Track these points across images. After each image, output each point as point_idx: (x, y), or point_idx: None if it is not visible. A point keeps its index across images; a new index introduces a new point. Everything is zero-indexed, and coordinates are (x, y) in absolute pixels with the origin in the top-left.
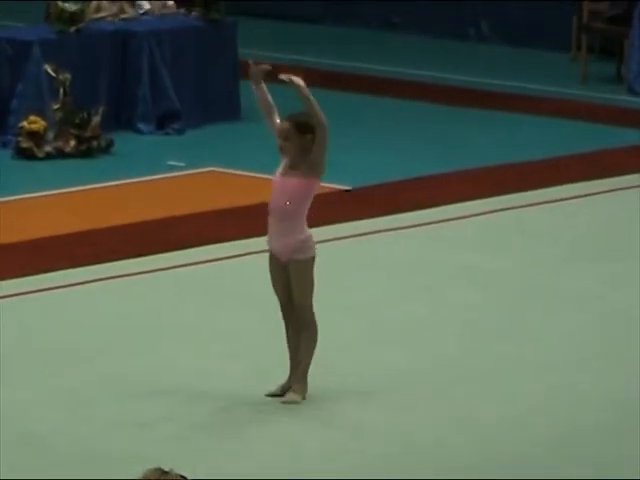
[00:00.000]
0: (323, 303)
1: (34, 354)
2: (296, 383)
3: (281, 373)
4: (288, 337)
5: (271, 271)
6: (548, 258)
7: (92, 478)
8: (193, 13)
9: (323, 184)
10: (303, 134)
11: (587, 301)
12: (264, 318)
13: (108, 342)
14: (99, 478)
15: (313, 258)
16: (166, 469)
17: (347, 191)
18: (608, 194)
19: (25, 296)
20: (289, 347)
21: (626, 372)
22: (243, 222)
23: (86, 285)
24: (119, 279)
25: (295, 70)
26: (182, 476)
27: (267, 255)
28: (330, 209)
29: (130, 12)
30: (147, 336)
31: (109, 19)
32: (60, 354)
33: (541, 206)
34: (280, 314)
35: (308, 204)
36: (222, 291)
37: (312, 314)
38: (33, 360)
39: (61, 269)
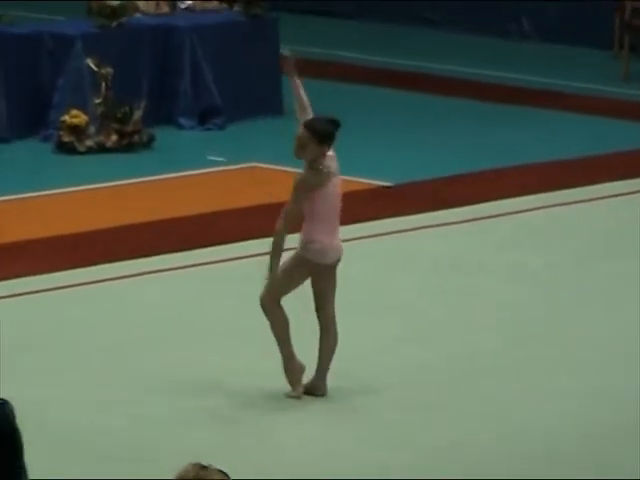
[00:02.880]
0: (364, 300)
1: (70, 348)
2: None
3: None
4: None
5: None
6: (588, 256)
7: (131, 473)
8: (235, 8)
9: (364, 180)
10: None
11: (626, 300)
12: (302, 316)
13: (148, 336)
14: (138, 473)
15: (305, 260)
16: (205, 464)
17: (388, 187)
18: None
19: (64, 290)
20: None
21: None
22: None
23: (126, 280)
24: (159, 274)
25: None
26: (221, 471)
27: None
28: (371, 205)
29: (166, 9)
30: (184, 331)
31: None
32: (94, 350)
33: (583, 204)
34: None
35: (313, 207)
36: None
37: (271, 305)
38: (68, 355)
39: (100, 263)
